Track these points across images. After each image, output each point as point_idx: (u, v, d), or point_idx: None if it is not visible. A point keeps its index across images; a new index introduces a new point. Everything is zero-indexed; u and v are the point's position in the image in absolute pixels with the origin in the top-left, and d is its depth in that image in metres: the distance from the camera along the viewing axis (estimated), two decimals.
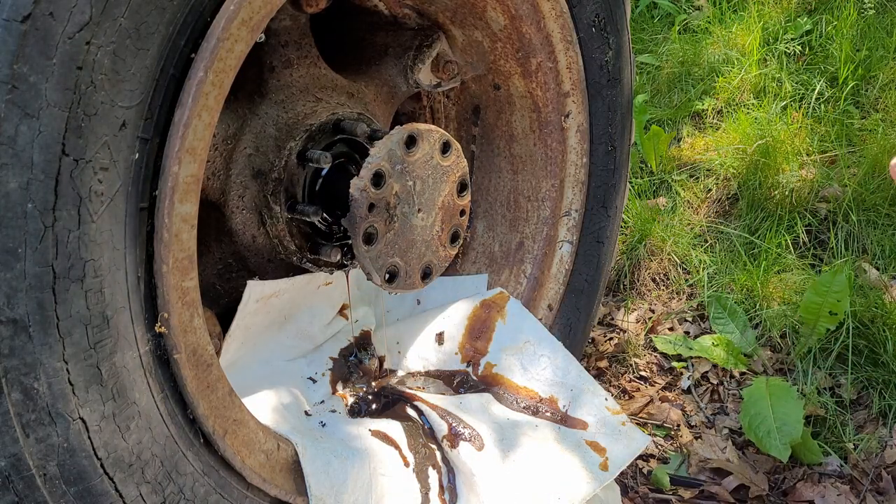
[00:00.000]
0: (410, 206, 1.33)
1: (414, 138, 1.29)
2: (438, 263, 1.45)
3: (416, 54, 1.65)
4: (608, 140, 1.81)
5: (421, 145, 1.31)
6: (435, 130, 1.32)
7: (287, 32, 1.47)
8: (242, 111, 1.42)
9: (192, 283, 1.11)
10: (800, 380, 2.15)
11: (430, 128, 1.31)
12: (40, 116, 0.89)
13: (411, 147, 1.29)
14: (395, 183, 1.29)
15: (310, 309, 1.66)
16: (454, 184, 1.39)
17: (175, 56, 1.02)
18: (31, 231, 0.90)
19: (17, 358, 0.91)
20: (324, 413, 1.57)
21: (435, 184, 1.36)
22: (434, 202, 1.36)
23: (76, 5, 0.89)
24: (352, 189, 1.25)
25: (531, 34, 1.63)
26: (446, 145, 1.34)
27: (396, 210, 1.31)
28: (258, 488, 1.25)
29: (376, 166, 1.27)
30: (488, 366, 1.74)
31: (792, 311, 2.31)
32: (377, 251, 1.31)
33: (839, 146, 2.84)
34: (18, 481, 0.94)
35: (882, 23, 3.31)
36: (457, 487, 1.52)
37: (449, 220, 1.40)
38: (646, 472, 1.93)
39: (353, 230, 1.25)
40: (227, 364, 1.43)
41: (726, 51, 3.39)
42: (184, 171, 1.05)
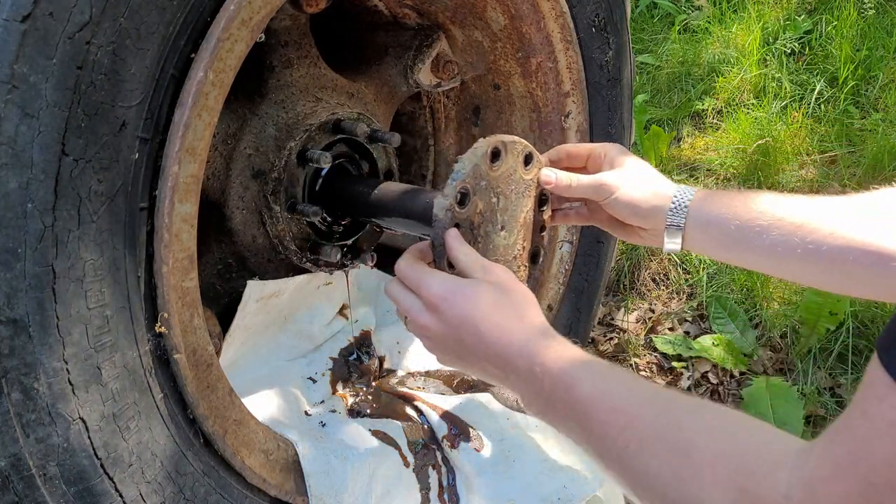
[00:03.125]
0: (494, 225, 1.22)
1: (498, 151, 1.19)
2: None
3: (416, 54, 1.65)
4: (608, 140, 1.81)
5: (505, 158, 1.21)
6: (519, 142, 1.22)
7: (287, 32, 1.47)
8: (242, 111, 1.42)
9: (192, 283, 1.11)
10: (800, 380, 2.15)
11: (513, 139, 1.21)
12: (40, 116, 0.89)
13: (495, 161, 1.19)
14: (479, 200, 1.19)
15: (310, 309, 1.66)
16: (535, 198, 1.28)
17: (175, 56, 1.02)
18: (31, 231, 0.90)
19: (17, 358, 0.91)
20: (324, 413, 1.57)
21: (517, 199, 1.25)
22: (516, 219, 1.26)
23: (76, 5, 0.89)
24: (435, 209, 1.15)
25: (531, 34, 1.63)
26: (528, 157, 1.24)
27: (480, 229, 1.20)
28: (258, 488, 1.25)
29: (462, 184, 1.16)
30: None
31: (792, 311, 2.31)
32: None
33: (839, 146, 2.85)
34: (18, 481, 0.94)
35: (882, 23, 3.31)
36: (457, 487, 1.52)
37: (530, 237, 1.30)
38: None
39: (437, 253, 1.15)
40: (227, 364, 1.43)
41: (726, 51, 3.39)
42: (184, 171, 1.05)
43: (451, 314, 1.06)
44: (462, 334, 1.05)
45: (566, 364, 0.98)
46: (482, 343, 1.04)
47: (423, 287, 1.08)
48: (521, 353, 1.01)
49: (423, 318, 1.09)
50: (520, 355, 1.01)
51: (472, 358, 1.06)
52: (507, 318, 1.04)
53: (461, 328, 1.05)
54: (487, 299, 1.05)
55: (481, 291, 1.06)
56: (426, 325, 1.08)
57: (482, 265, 1.11)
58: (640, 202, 1.21)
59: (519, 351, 1.01)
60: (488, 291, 1.06)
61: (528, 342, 1.02)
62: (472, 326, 1.04)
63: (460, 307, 1.05)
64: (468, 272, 1.11)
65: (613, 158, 1.26)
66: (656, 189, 1.22)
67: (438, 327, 1.07)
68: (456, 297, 1.06)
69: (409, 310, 1.11)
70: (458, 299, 1.05)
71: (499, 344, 1.03)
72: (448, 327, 1.06)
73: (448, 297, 1.06)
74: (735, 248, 1.16)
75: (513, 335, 1.03)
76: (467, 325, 1.04)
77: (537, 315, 1.07)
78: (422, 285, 1.09)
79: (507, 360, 1.02)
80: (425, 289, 1.08)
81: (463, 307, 1.05)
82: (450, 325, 1.06)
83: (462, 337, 1.05)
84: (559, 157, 1.31)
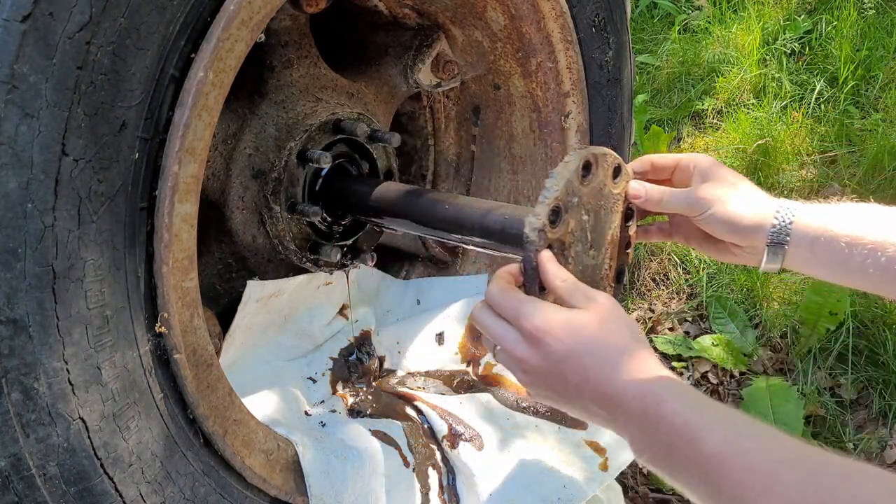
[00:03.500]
0: (584, 244, 1.14)
1: (589, 164, 1.11)
2: None
3: (416, 54, 1.65)
4: (608, 140, 1.81)
5: (595, 172, 1.13)
6: (609, 154, 1.14)
7: (287, 32, 1.47)
8: (242, 111, 1.42)
9: (192, 283, 1.11)
10: (800, 380, 2.15)
11: (604, 151, 1.13)
12: (40, 116, 0.88)
13: (586, 175, 1.11)
14: (570, 218, 1.10)
15: (310, 309, 1.66)
16: (621, 213, 1.20)
17: (175, 56, 1.02)
18: (31, 231, 0.90)
19: (17, 358, 0.91)
20: (324, 413, 1.57)
21: (606, 215, 1.17)
22: (604, 237, 1.17)
23: (76, 5, 0.89)
24: (526, 229, 1.06)
25: (531, 34, 1.63)
26: (617, 170, 1.17)
27: (570, 250, 1.12)
28: (258, 488, 1.25)
29: (555, 201, 1.07)
30: (488, 366, 1.74)
31: (792, 311, 2.31)
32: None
33: (839, 146, 2.85)
34: (18, 481, 0.94)
35: (882, 23, 3.31)
36: (457, 488, 1.52)
37: (616, 255, 1.21)
38: (646, 472, 1.93)
39: (528, 277, 1.07)
40: (227, 364, 1.43)
41: (726, 51, 3.39)
42: (184, 171, 1.05)
43: (554, 348, 0.97)
44: (566, 371, 0.97)
45: (689, 411, 0.89)
46: (588, 382, 0.96)
47: (522, 317, 1.00)
48: (634, 395, 0.92)
49: (520, 351, 1.00)
50: (633, 397, 0.92)
51: (575, 397, 0.98)
52: (616, 354, 0.96)
53: (565, 364, 0.97)
54: (594, 333, 0.97)
55: (587, 324, 0.98)
56: (524, 359, 1.00)
57: (585, 293, 1.02)
58: (739, 218, 1.14)
59: (631, 392, 0.93)
60: (594, 323, 0.98)
61: (641, 383, 0.93)
62: (577, 363, 0.96)
63: (565, 341, 0.97)
64: (568, 300, 1.02)
65: (705, 170, 1.18)
66: (756, 204, 1.14)
67: (539, 362, 0.99)
68: (561, 329, 0.97)
69: (503, 340, 1.03)
70: (562, 332, 0.97)
71: (607, 384, 0.94)
72: (550, 363, 0.98)
73: (552, 329, 0.98)
74: (844, 267, 1.09)
75: (623, 374, 0.94)
76: (572, 361, 0.96)
77: (647, 350, 0.98)
78: (521, 315, 1.00)
79: (616, 401, 0.94)
80: (525, 319, 0.99)
81: (568, 341, 0.97)
82: (552, 360, 0.98)
83: (566, 374, 0.97)
84: (644, 168, 1.23)
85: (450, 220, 1.33)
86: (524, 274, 1.08)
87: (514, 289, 1.06)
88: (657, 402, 0.90)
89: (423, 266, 1.93)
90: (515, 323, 1.01)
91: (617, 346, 0.96)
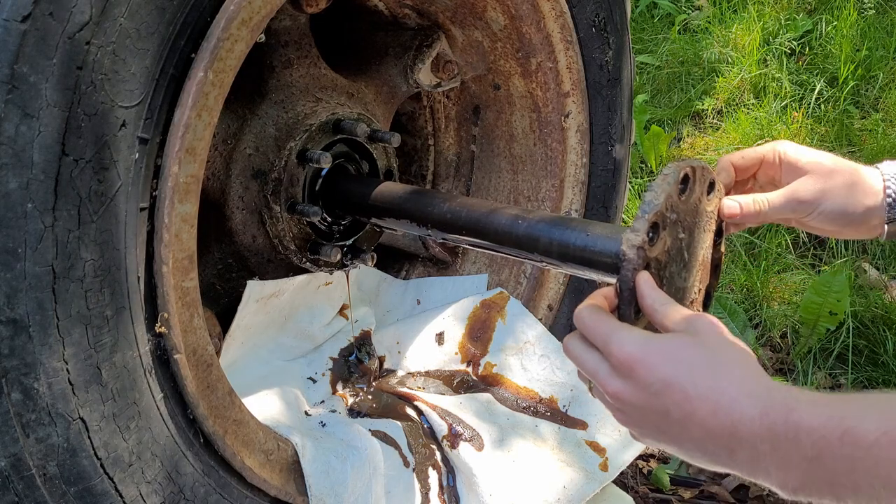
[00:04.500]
0: (678, 265, 1.06)
1: (687, 178, 1.03)
2: None
3: (416, 54, 1.65)
4: (608, 140, 1.81)
5: (693, 187, 1.04)
6: (706, 168, 1.06)
7: (287, 32, 1.47)
8: (242, 111, 1.42)
9: (192, 283, 1.11)
10: (800, 380, 2.15)
11: (702, 164, 1.05)
12: (40, 116, 0.88)
13: (684, 189, 1.03)
14: (667, 236, 1.01)
15: (310, 309, 1.66)
16: (713, 232, 1.12)
17: (175, 56, 1.02)
18: (31, 231, 0.90)
19: (17, 358, 0.91)
20: (324, 413, 1.57)
21: (699, 234, 1.08)
22: (696, 257, 1.09)
23: (76, 5, 0.89)
24: (624, 246, 0.97)
25: (531, 34, 1.63)
26: (711, 185, 1.09)
27: (665, 271, 1.03)
28: (258, 488, 1.25)
29: (655, 217, 0.98)
30: (488, 366, 1.74)
31: (792, 311, 2.31)
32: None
33: (839, 146, 2.84)
34: (18, 481, 0.94)
35: (882, 23, 3.31)
36: (457, 488, 1.52)
37: (705, 278, 1.12)
38: (646, 472, 1.93)
39: (624, 299, 0.98)
40: (227, 364, 1.43)
41: (726, 51, 3.39)
42: (184, 171, 1.05)
43: (649, 379, 0.85)
44: (667, 404, 0.84)
45: (824, 408, 0.77)
46: (695, 415, 0.82)
47: (612, 344, 0.88)
48: (754, 416, 0.79)
49: (612, 385, 0.88)
50: (753, 418, 0.79)
51: (681, 434, 0.84)
52: (726, 379, 0.82)
53: (664, 396, 0.84)
54: (697, 358, 0.84)
55: (687, 348, 0.85)
56: (617, 394, 0.88)
57: (685, 316, 0.90)
58: (851, 208, 1.05)
59: (750, 414, 0.79)
60: (696, 348, 0.85)
61: (758, 401, 0.80)
62: (679, 393, 0.83)
63: (662, 369, 0.84)
64: (667, 325, 0.91)
65: (793, 162, 1.08)
66: (860, 184, 1.05)
67: (633, 395, 0.86)
68: (657, 356, 0.85)
69: (594, 374, 0.91)
70: (657, 359, 0.85)
71: (718, 413, 0.81)
72: (647, 395, 0.85)
73: (645, 357, 0.85)
74: None
75: (739, 399, 0.80)
76: (673, 391, 0.83)
77: (763, 374, 0.84)
78: (611, 342, 0.88)
79: (733, 430, 0.80)
80: (615, 346, 0.88)
81: (665, 369, 0.84)
82: (648, 392, 0.85)
83: (667, 407, 0.84)
84: (730, 178, 1.13)
85: (522, 237, 1.23)
86: (619, 296, 0.98)
87: (605, 313, 0.94)
88: (787, 411, 0.78)
89: (423, 266, 1.93)
90: (605, 351, 0.90)
91: (724, 370, 0.83)
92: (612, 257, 1.10)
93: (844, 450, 0.73)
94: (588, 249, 1.14)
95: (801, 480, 0.77)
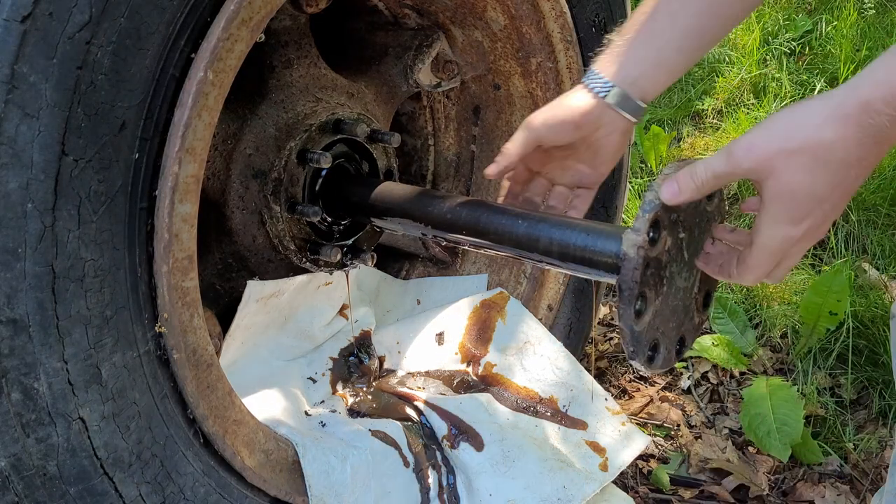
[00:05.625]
0: (678, 265, 1.08)
1: None
2: (691, 334, 1.19)
3: (416, 54, 1.65)
4: None
5: None
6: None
7: (287, 32, 1.47)
8: (242, 111, 1.42)
9: (192, 283, 1.11)
10: (800, 380, 2.15)
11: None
12: (40, 116, 0.89)
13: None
14: (668, 236, 1.04)
15: (310, 309, 1.66)
16: (712, 233, 1.15)
17: (175, 56, 1.02)
18: (31, 231, 0.90)
19: (17, 358, 0.91)
20: (324, 413, 1.57)
21: (699, 235, 1.11)
22: (696, 257, 1.12)
23: (76, 5, 0.89)
24: (625, 245, 1.00)
25: (531, 34, 1.64)
26: None
27: (666, 271, 1.05)
28: (258, 488, 1.25)
29: (656, 216, 1.00)
30: (488, 366, 1.74)
31: (792, 311, 2.31)
32: (645, 324, 1.04)
33: None
34: (18, 481, 0.94)
35: (882, 23, 3.31)
36: (457, 488, 1.52)
37: (706, 278, 1.14)
38: (646, 472, 1.93)
39: (624, 299, 1.00)
40: (227, 364, 1.43)
41: (726, 51, 3.39)
42: (184, 171, 1.05)
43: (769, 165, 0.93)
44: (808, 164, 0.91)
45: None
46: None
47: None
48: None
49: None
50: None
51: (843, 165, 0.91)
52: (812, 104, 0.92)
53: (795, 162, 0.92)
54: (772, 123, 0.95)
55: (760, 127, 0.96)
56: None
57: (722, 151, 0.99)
58: (559, 106, 1.21)
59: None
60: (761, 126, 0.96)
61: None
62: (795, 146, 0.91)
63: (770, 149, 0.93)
64: (717, 161, 0.98)
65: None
66: (571, 103, 1.20)
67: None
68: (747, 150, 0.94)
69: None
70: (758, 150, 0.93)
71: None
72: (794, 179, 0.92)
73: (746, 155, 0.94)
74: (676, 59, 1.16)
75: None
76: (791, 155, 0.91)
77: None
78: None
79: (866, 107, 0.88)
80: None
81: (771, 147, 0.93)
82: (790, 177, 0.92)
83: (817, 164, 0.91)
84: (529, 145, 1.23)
85: (522, 237, 1.24)
86: (619, 296, 1.00)
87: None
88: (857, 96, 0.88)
89: (423, 266, 1.93)
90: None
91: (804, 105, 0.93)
92: (612, 257, 1.10)
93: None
94: (588, 249, 1.15)
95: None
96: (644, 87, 1.19)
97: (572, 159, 1.26)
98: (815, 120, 0.90)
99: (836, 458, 1.94)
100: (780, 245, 0.96)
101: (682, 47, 1.18)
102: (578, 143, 1.22)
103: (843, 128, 0.89)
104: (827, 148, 0.90)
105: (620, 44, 1.20)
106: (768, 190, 0.94)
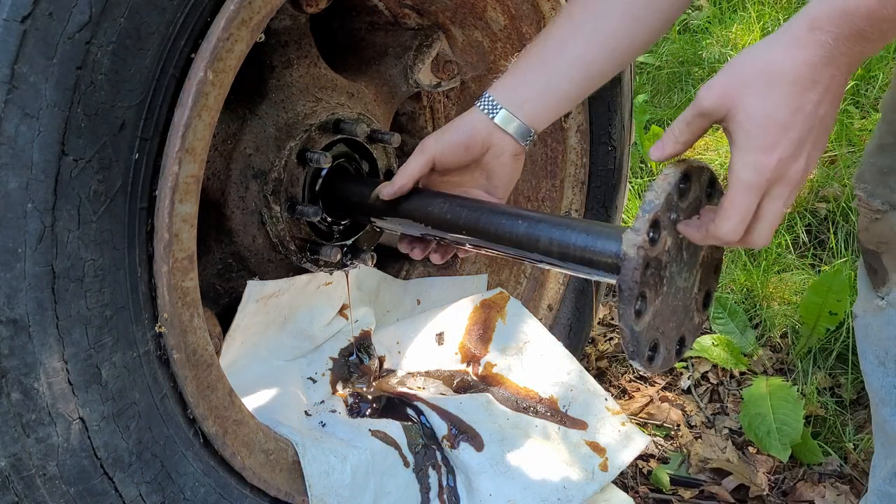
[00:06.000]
0: (678, 265, 1.08)
1: (688, 177, 1.05)
2: (691, 334, 1.19)
3: (416, 54, 1.65)
4: (608, 140, 1.81)
5: (692, 187, 1.06)
6: (706, 168, 1.09)
7: (287, 32, 1.47)
8: (242, 111, 1.42)
9: (192, 283, 1.11)
10: (800, 380, 2.15)
11: (701, 165, 1.07)
12: (40, 116, 0.89)
13: (685, 189, 1.05)
14: (668, 236, 1.04)
15: (310, 309, 1.66)
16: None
17: (175, 56, 1.02)
18: (31, 231, 0.90)
19: (17, 358, 0.91)
20: (324, 413, 1.57)
21: None
22: (696, 257, 1.11)
23: (76, 5, 0.89)
24: (625, 245, 1.00)
25: (531, 34, 1.63)
26: (712, 184, 1.11)
27: (665, 270, 1.06)
28: (258, 488, 1.25)
29: (656, 216, 1.00)
30: (488, 366, 1.75)
31: (792, 311, 2.31)
32: (645, 324, 1.05)
33: (839, 146, 2.84)
34: (18, 481, 0.94)
35: None
36: (457, 488, 1.52)
37: (706, 278, 1.15)
38: (646, 472, 1.93)
39: (624, 299, 1.00)
40: (227, 364, 1.43)
41: (726, 51, 3.39)
42: (184, 171, 1.05)
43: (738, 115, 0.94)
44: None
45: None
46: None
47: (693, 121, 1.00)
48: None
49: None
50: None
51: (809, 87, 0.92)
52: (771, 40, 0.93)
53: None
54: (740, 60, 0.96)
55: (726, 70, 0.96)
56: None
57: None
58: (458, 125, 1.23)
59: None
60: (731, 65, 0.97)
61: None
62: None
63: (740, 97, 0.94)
64: (691, 113, 1.00)
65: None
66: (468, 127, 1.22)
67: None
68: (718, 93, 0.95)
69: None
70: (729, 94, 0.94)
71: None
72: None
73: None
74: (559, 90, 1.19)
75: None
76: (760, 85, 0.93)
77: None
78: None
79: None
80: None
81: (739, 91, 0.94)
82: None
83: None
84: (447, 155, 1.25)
85: (522, 237, 1.24)
86: (620, 294, 1.01)
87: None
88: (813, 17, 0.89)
89: (423, 266, 1.93)
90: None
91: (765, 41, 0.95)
92: (612, 257, 1.10)
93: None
94: (588, 249, 1.15)
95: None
96: (532, 112, 1.20)
97: (469, 183, 1.27)
98: (766, 47, 0.92)
99: (836, 458, 1.94)
100: (754, 176, 0.94)
101: (571, 77, 1.19)
102: (473, 165, 1.24)
103: (791, 49, 0.90)
104: (777, 70, 0.91)
105: (515, 67, 1.22)
106: (732, 124, 0.94)
